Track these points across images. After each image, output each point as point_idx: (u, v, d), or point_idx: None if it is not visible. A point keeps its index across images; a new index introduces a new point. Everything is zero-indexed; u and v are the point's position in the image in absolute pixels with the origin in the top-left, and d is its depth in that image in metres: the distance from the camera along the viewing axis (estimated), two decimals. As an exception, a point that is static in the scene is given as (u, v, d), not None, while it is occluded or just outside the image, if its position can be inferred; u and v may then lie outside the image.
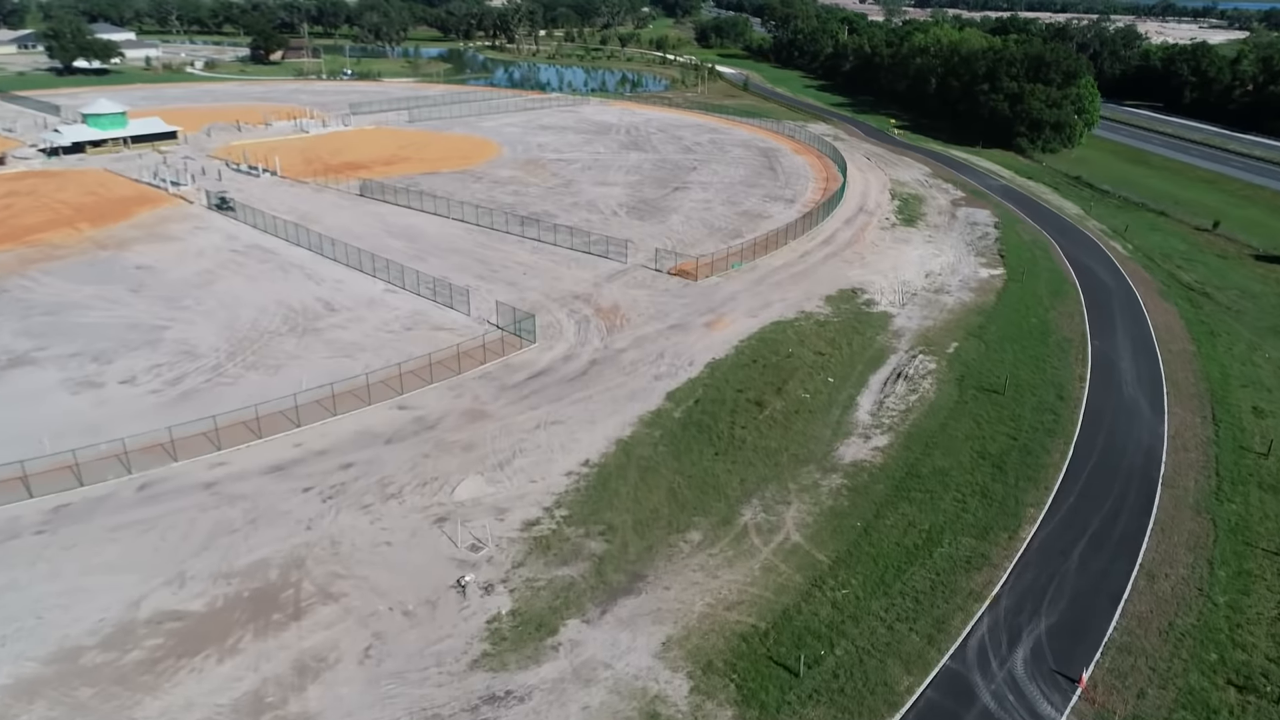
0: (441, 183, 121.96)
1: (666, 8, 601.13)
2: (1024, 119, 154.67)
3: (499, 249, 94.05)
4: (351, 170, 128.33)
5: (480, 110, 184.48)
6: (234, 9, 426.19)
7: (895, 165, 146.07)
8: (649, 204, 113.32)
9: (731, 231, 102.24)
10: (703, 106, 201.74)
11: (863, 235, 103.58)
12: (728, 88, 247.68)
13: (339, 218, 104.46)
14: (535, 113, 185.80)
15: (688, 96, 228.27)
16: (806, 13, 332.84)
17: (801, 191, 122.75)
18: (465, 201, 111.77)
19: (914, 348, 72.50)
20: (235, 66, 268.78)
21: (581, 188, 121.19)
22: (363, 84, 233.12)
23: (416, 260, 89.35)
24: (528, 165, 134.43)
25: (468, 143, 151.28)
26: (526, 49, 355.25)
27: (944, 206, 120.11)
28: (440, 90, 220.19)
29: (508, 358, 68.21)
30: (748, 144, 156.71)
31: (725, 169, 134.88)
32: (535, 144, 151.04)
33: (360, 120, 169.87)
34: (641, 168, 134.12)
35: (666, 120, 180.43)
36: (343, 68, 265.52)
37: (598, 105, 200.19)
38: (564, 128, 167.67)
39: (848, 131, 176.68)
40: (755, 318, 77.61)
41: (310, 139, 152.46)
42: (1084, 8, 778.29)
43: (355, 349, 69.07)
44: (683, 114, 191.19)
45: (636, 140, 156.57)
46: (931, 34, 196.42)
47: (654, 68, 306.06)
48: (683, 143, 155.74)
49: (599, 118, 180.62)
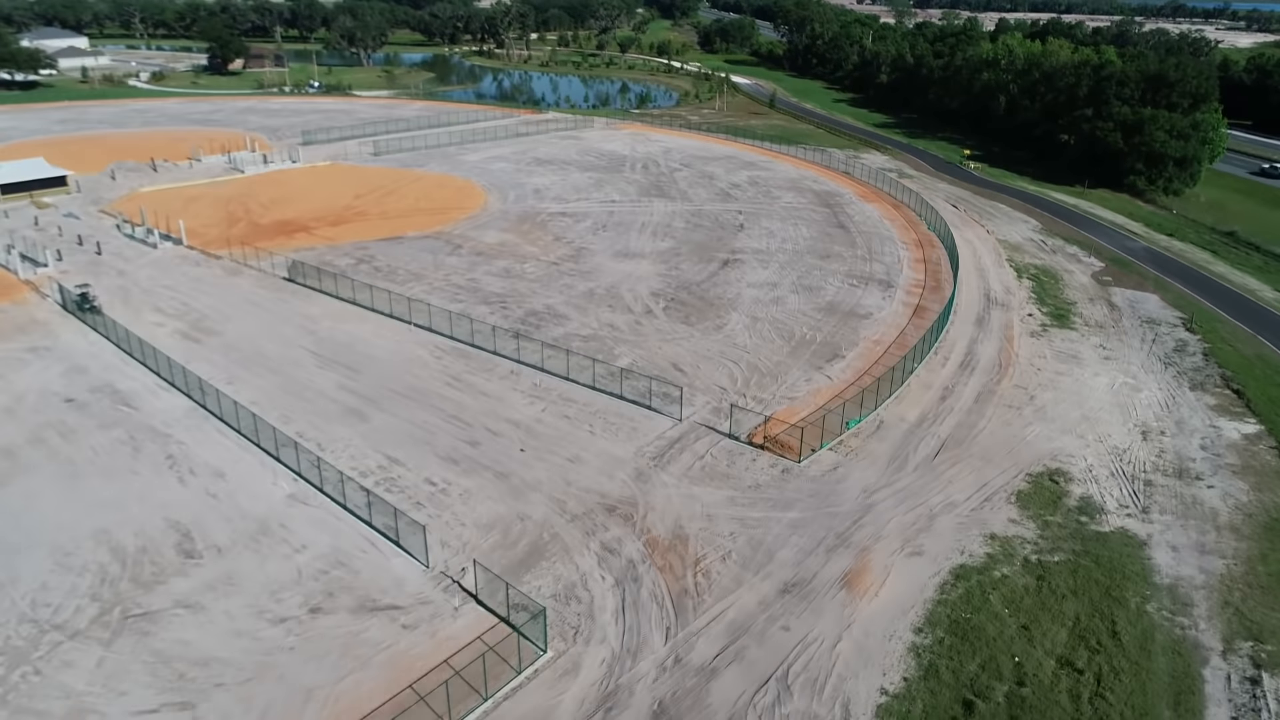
0: (405, 256, 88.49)
1: (662, 8, 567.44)
2: (1141, 152, 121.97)
3: (482, 388, 60.83)
4: (286, 234, 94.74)
5: (463, 136, 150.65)
6: (201, 11, 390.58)
7: (992, 215, 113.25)
8: (694, 291, 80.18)
9: (824, 345, 69.23)
10: (726, 129, 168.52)
11: (1012, 349, 70.65)
12: (748, 102, 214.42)
13: (249, 324, 70.97)
14: (529, 140, 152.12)
15: (704, 114, 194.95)
16: (824, 16, 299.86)
17: (894, 265, 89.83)
18: (436, 288, 78.53)
19: (1233, 642, 39.63)
20: (187, 78, 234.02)
21: (597, 261, 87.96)
22: (327, 100, 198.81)
23: (353, 417, 56.14)
24: (522, 224, 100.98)
25: (445, 186, 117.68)
26: (517, 55, 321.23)
27: (1089, 287, 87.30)
28: (418, 109, 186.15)
29: (494, 697, 35.10)
30: (798, 185, 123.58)
31: (782, 227, 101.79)
32: (530, 188, 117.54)
33: (313, 153, 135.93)
34: (672, 226, 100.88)
35: (688, 149, 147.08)
36: (309, 79, 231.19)
37: (603, 129, 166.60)
38: (565, 162, 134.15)
39: (910, 164, 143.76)
40: (920, 557, 44.70)
41: (244, 182, 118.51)
42: (1089, 8, 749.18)
43: (206, 680, 35.74)
44: (705, 140, 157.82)
45: (658, 181, 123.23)
46: (1001, 44, 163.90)
47: (659, 77, 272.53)
48: (716, 184, 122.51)
49: (607, 146, 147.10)
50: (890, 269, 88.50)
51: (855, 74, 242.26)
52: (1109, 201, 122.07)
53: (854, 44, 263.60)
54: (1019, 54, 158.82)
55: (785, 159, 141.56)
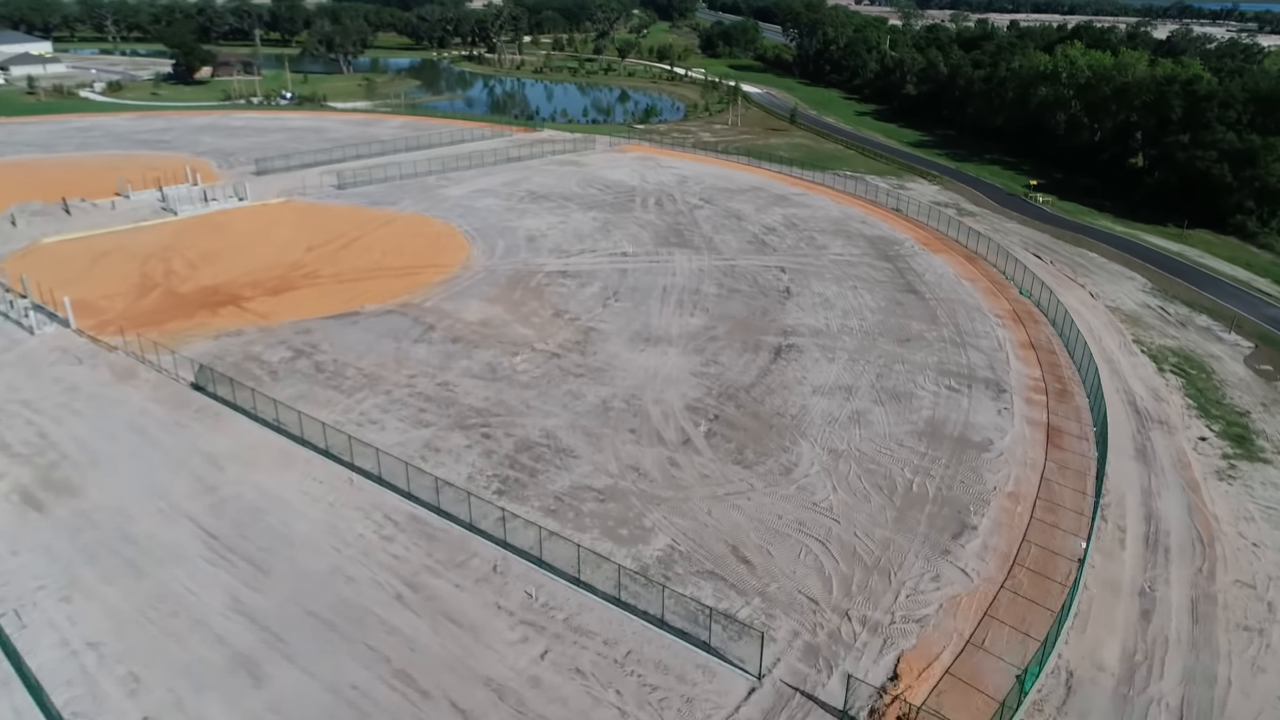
0: (359, 343, 66.97)
1: (659, 9, 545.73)
2: (1253, 188, 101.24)
3: (450, 607, 39.61)
4: (210, 308, 73.21)
5: (445, 162, 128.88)
6: (177, 14, 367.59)
7: (1086, 269, 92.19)
8: (743, 402, 58.94)
9: (942, 505, 48.06)
10: (745, 150, 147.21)
11: (1205, 509, 49.56)
12: (763, 116, 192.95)
13: (124, 475, 49.46)
14: (522, 167, 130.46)
15: (717, 130, 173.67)
16: (838, 19, 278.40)
17: (994, 351, 68.74)
18: (396, 399, 57.18)
19: None
20: (147, 88, 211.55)
21: (610, 351, 66.63)
22: (297, 115, 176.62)
23: (242, 676, 34.86)
24: (513, 289, 79.51)
25: (419, 233, 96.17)
26: (509, 59, 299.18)
27: (1252, 384, 66.33)
28: (397, 125, 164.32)
29: None
30: (844, 227, 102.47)
31: (839, 291, 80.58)
32: (523, 234, 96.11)
33: (267, 185, 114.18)
34: (702, 291, 79.57)
35: (706, 178, 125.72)
36: (282, 89, 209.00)
37: (606, 151, 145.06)
38: (565, 197, 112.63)
39: (967, 196, 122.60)
40: None
41: (174, 228, 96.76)
42: (1093, 9, 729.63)
43: None
44: (724, 165, 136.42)
45: (677, 223, 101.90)
46: (1060, 55, 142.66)
47: (662, 85, 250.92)
48: (746, 226, 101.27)
49: (612, 175, 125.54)
50: (993, 359, 67.35)
51: (877, 83, 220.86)
52: (1216, 247, 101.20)
53: (871, 50, 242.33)
54: (1081, 66, 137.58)
55: (821, 190, 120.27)
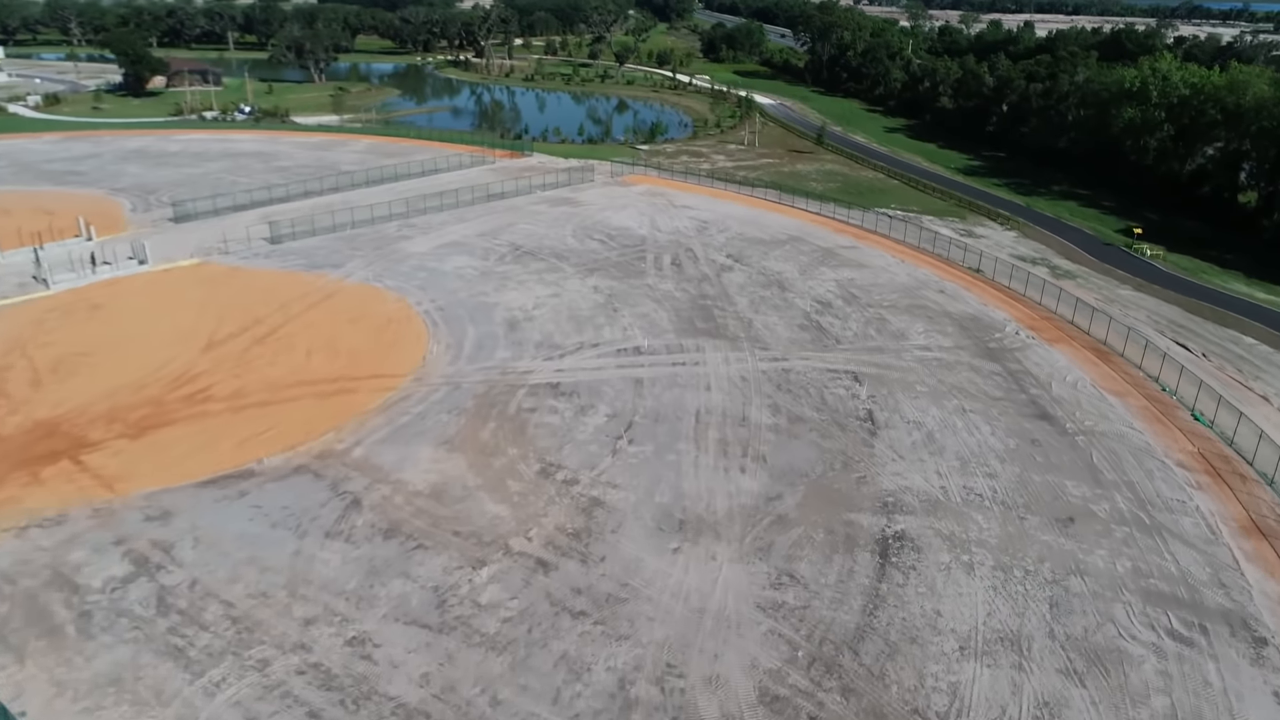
0: (236, 543, 42.39)
1: (655, 9, 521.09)
2: None
3: None
4: (33, 464, 48.86)
5: (410, 202, 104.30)
6: (145, 16, 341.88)
7: (1248, 361, 68.25)
8: (853, 682, 34.81)
9: None
10: (771, 181, 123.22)
11: None
12: (783, 134, 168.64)
13: None
14: (506, 206, 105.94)
15: (732, 151, 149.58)
16: (854, 22, 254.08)
17: (1205, 540, 44.86)
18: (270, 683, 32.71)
19: None
20: (88, 101, 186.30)
21: (626, 559, 42.26)
22: (249, 135, 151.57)
23: None
24: (483, 419, 55.09)
25: (363, 316, 71.58)
26: (498, 65, 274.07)
27: None
28: (362, 149, 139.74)
29: None
30: (919, 299, 78.36)
31: (940, 417, 56.48)
32: (502, 316, 71.84)
33: (182, 238, 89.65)
34: (750, 420, 55.33)
35: (730, 221, 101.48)
36: (241, 102, 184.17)
37: (606, 184, 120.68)
38: (557, 254, 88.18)
39: (1054, 246, 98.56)
40: None
41: (38, 309, 72.08)
42: (1098, 9, 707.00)
43: None
44: (749, 202, 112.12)
45: (703, 293, 77.67)
46: (1146, 69, 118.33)
47: (664, 94, 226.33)
48: (793, 299, 77.12)
49: (616, 220, 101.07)
50: (1212, 560, 43.41)
51: (904, 95, 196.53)
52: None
53: (894, 56, 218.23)
54: (1176, 82, 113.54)
55: (874, 240, 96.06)
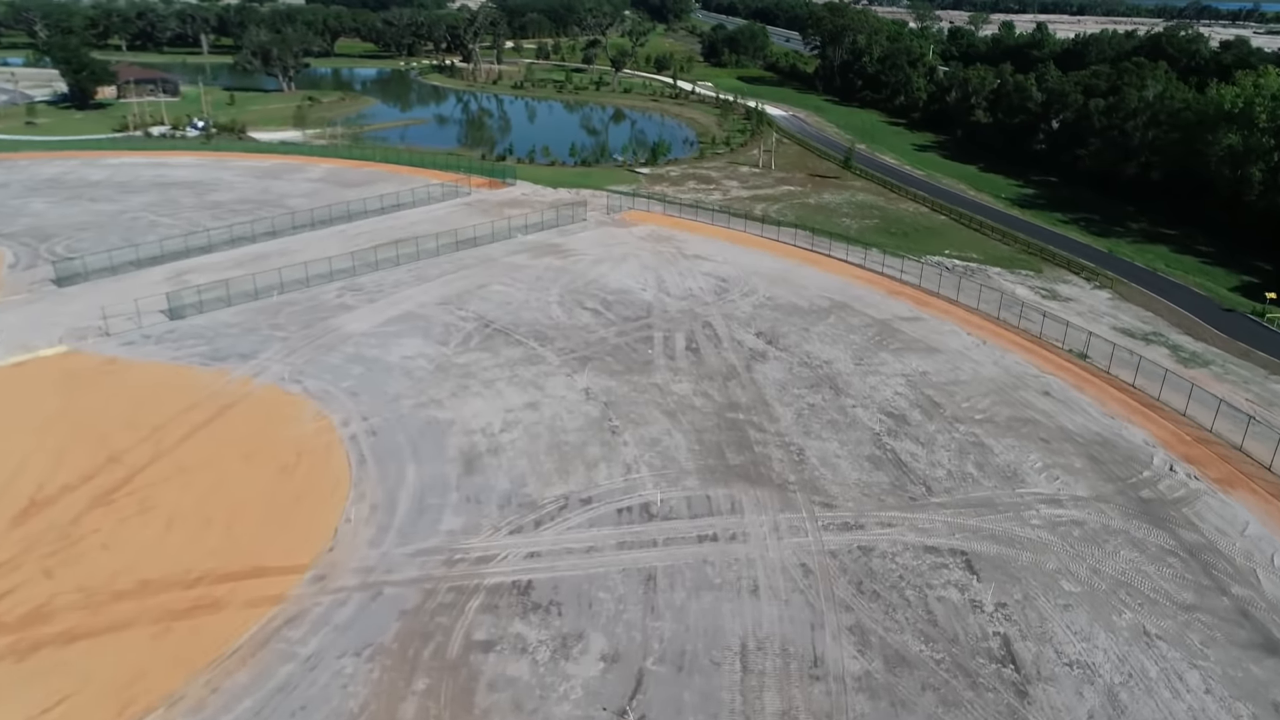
0: None
1: (652, 10, 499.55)
2: None
3: None
4: None
5: (358, 256, 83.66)
6: (114, 18, 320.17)
7: None
8: None
9: None
10: (796, 219, 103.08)
11: None
12: (800, 152, 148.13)
13: None
14: (478, 258, 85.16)
15: (745, 176, 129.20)
16: (868, 25, 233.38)
17: None
18: None
19: None
20: (21, 115, 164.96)
21: None
22: (192, 158, 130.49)
23: None
24: (407, 680, 34.37)
25: (262, 446, 50.62)
26: (485, 70, 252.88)
27: None
28: (318, 176, 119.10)
29: None
30: (1023, 408, 57.85)
31: (1108, 650, 36.16)
32: (456, 442, 51.28)
33: (53, 312, 68.78)
34: (826, 673, 34.83)
35: (755, 278, 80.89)
36: (197, 115, 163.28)
37: (603, 222, 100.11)
38: (539, 333, 67.39)
39: (1159, 310, 78.13)
40: None
41: None
42: (1103, 10, 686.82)
43: None
44: (775, 249, 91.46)
45: (731, 400, 57.10)
46: (1249, 86, 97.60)
47: (664, 104, 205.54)
48: (852, 409, 56.63)
49: (613, 278, 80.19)
50: None
51: (931, 107, 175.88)
52: None
53: (916, 63, 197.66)
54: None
55: (940, 307, 75.43)
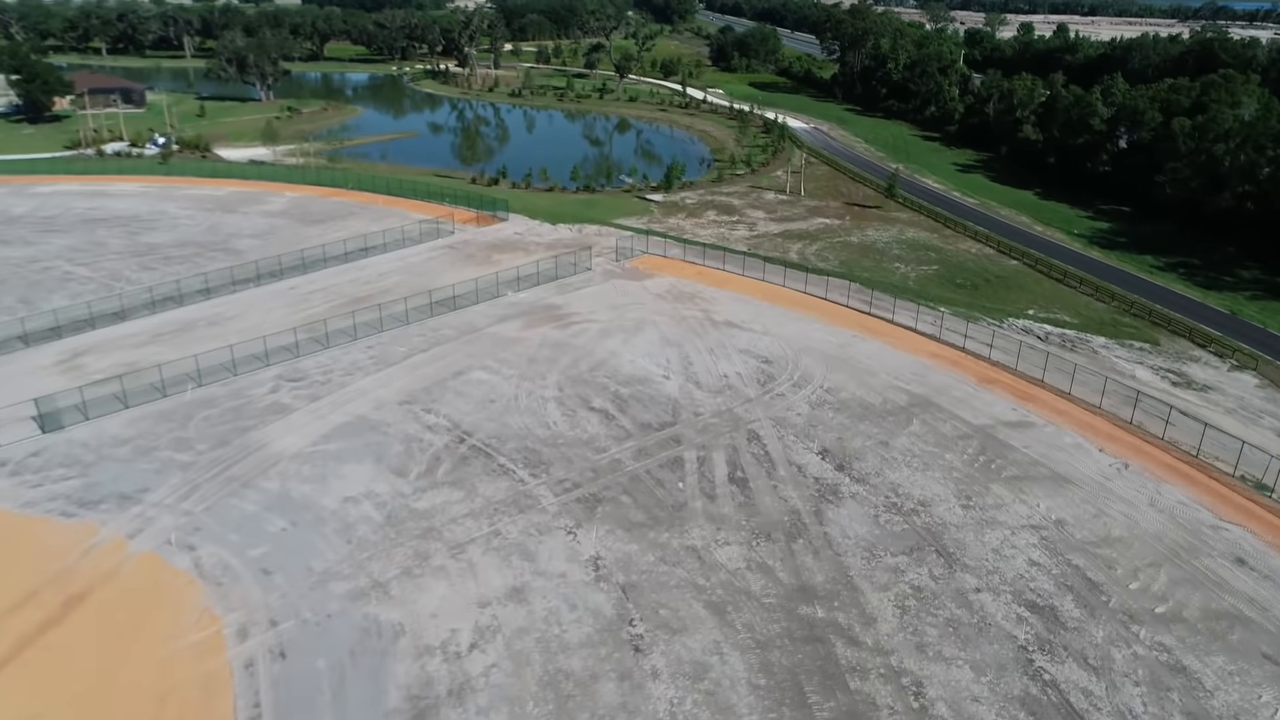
0: None
1: (654, 10, 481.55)
2: None
3: None
4: None
5: (306, 328, 66.38)
6: (94, 20, 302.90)
7: None
8: None
9: None
10: (843, 263, 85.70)
11: None
12: (830, 174, 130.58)
13: None
14: (458, 328, 67.33)
15: (771, 203, 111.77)
16: (891, 28, 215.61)
17: None
18: None
19: None
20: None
21: None
22: (132, 185, 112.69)
23: None
24: None
25: (91, 696, 33.52)
26: (482, 75, 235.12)
27: None
28: (280, 206, 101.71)
29: None
30: (1204, 583, 40.35)
31: None
32: (403, 671, 33.76)
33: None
34: None
35: (806, 356, 63.23)
36: (154, 132, 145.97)
37: (611, 273, 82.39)
38: (528, 454, 49.51)
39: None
40: None
41: None
42: (1116, 10, 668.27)
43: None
44: (824, 310, 73.83)
45: (799, 577, 39.44)
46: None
47: (673, 114, 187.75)
48: (969, 589, 39.20)
49: (626, 359, 62.22)
50: None
51: (970, 120, 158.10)
52: None
53: (947, 71, 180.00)
54: None
55: (1052, 404, 57.72)
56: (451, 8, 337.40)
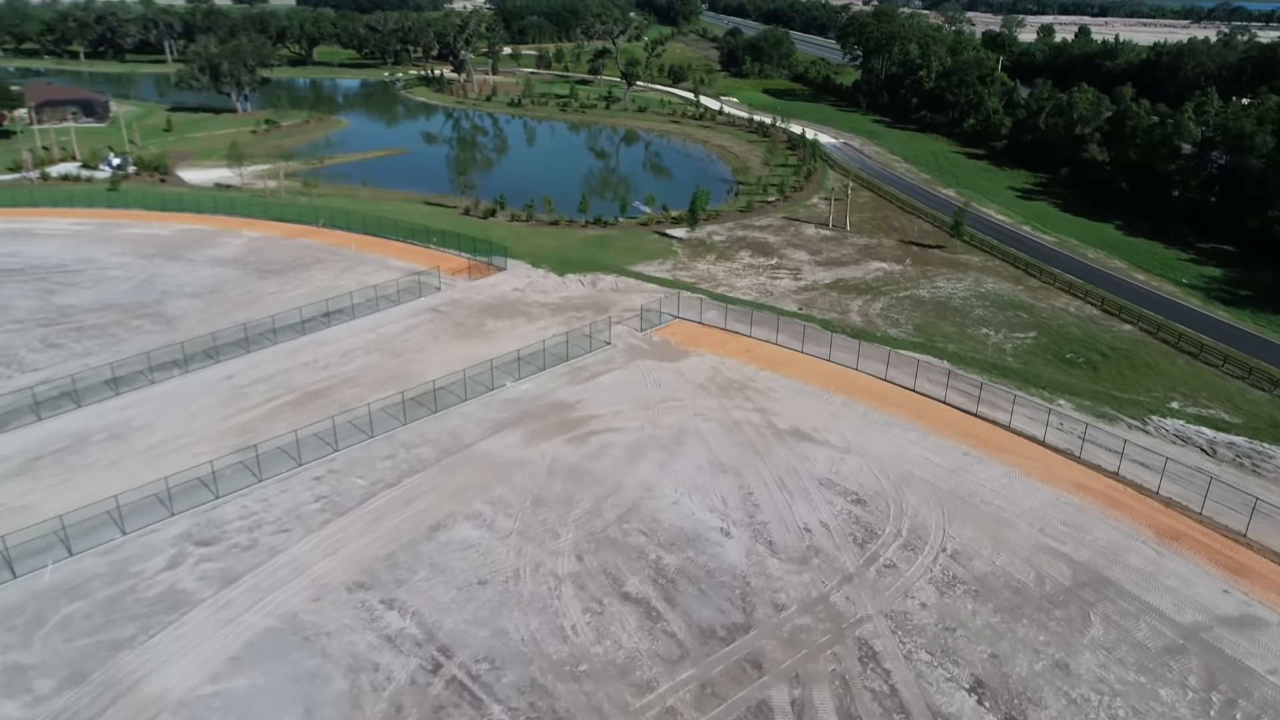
0: None
1: (658, 12, 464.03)
2: None
3: None
4: None
5: (232, 445, 49.38)
6: (71, 24, 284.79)
7: None
8: None
9: None
10: (918, 329, 68.72)
11: None
12: (875, 201, 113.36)
13: None
14: (432, 442, 50.11)
15: (813, 240, 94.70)
16: (919, 32, 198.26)
17: None
18: None
19: None
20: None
21: None
22: (65, 223, 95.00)
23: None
24: None
25: None
26: (479, 81, 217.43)
27: None
28: (236, 250, 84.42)
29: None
30: None
31: None
32: None
33: None
34: None
35: (909, 486, 46.07)
36: (111, 151, 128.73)
37: (635, 350, 65.06)
38: (548, 693, 32.47)
39: None
40: None
41: None
42: (1127, 11, 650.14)
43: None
44: (926, 416, 56.60)
45: None
46: None
47: (686, 126, 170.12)
48: None
49: (667, 496, 44.68)
50: None
51: (1024, 139, 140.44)
52: None
53: (987, 79, 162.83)
54: None
55: (1268, 582, 40.99)
56: (448, 9, 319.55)
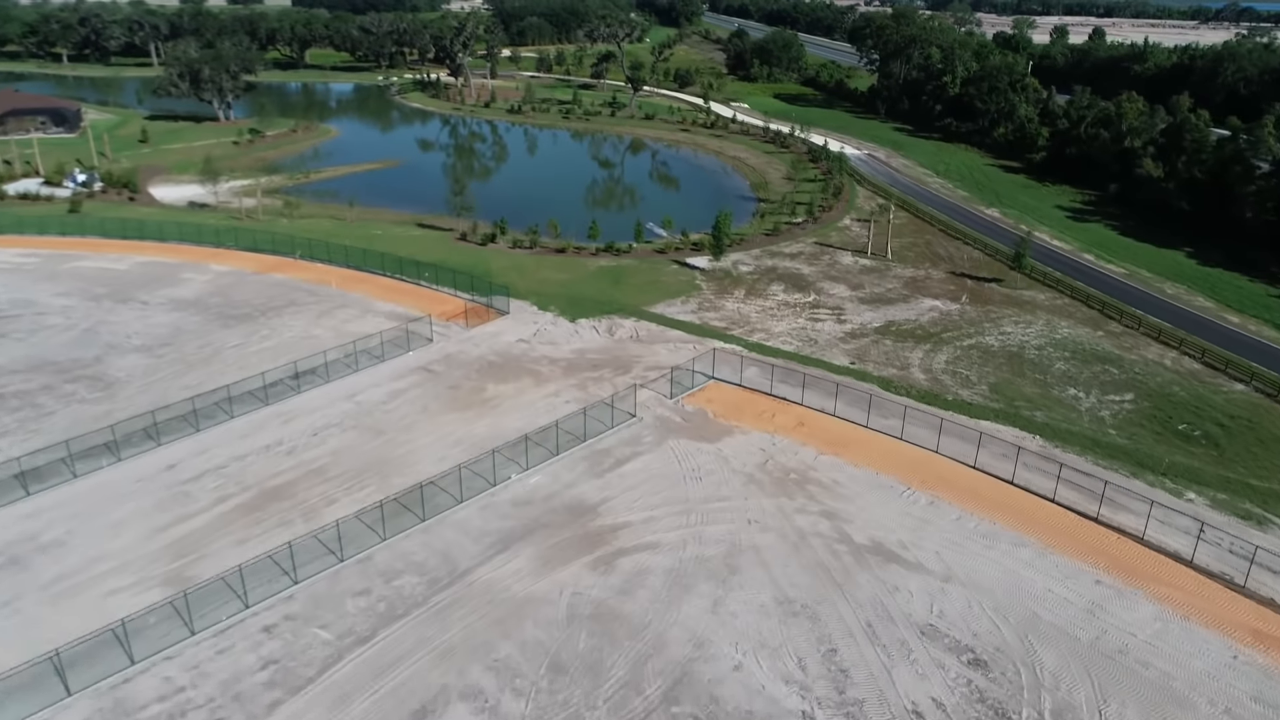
0: None
1: (659, 12, 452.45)
2: None
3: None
4: None
5: (182, 560, 38.17)
6: (54, 25, 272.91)
7: None
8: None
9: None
10: (1005, 399, 57.72)
11: None
12: (914, 225, 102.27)
13: None
14: (427, 565, 38.80)
15: (852, 270, 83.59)
16: (941, 35, 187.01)
17: None
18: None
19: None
20: None
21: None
22: (10, 254, 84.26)
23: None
24: None
25: None
26: (477, 86, 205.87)
27: None
28: (199, 289, 73.21)
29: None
30: None
31: None
32: None
33: None
34: None
35: (1050, 657, 34.83)
36: (76, 165, 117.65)
37: (666, 428, 53.85)
38: None
39: None
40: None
41: None
42: (1133, 12, 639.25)
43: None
44: (1032, 521, 45.43)
45: None
46: None
47: (697, 135, 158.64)
48: None
49: (726, 661, 33.51)
50: None
51: (1067, 153, 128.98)
52: None
53: (1018, 85, 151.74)
54: None
55: None
56: (445, 10, 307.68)
